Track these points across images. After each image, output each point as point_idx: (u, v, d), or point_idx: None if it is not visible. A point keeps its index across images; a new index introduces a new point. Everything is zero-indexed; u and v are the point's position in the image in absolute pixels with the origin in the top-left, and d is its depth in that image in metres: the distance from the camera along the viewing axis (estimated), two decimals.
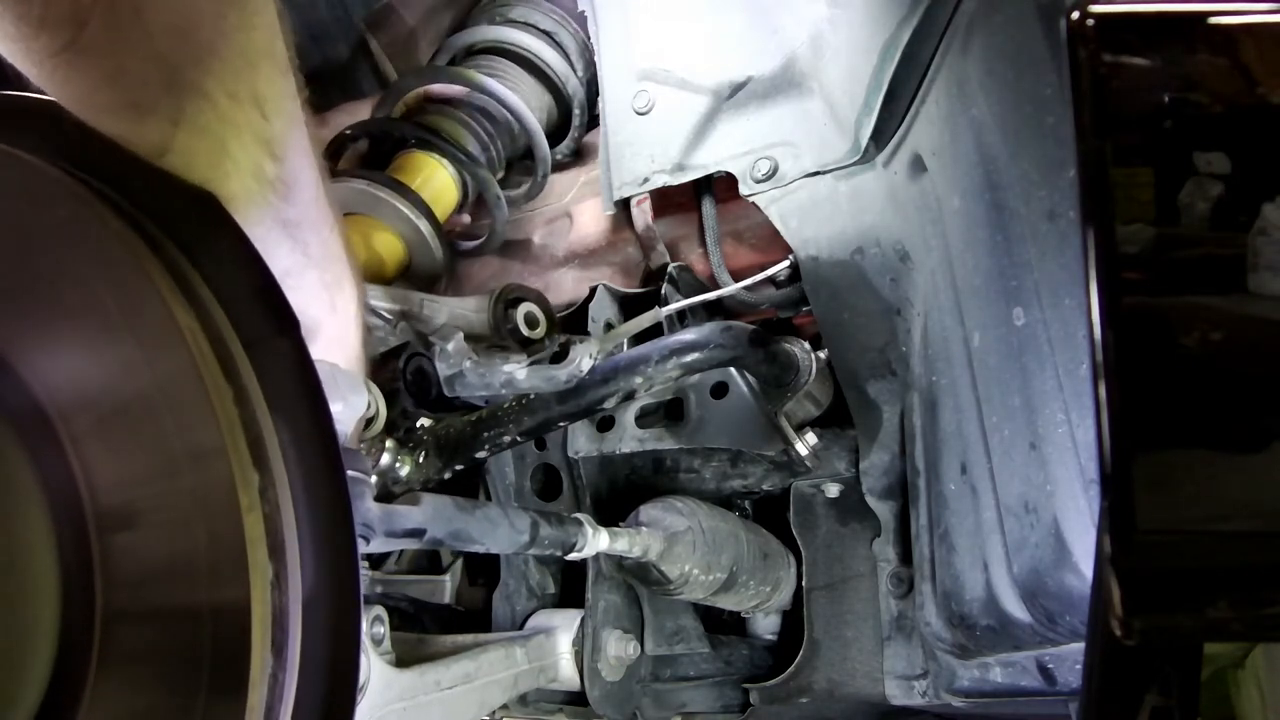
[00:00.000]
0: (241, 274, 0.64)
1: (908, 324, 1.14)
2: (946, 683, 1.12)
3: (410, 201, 1.34)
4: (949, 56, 0.98)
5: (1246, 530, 0.54)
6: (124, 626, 0.56)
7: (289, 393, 0.61)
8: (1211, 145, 0.51)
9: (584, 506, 1.34)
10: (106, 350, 0.59)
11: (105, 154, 0.66)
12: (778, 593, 1.31)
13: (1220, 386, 0.53)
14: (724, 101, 1.23)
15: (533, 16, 1.61)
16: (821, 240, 1.19)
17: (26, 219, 0.62)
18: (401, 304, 1.11)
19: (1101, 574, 0.54)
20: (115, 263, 0.59)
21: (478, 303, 1.13)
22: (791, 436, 1.19)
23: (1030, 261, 0.84)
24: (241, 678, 0.53)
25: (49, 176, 0.62)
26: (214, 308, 0.61)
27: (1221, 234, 0.51)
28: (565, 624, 1.28)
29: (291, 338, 0.63)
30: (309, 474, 0.60)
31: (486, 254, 1.55)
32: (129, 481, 0.57)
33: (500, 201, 1.46)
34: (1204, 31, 0.51)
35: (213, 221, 0.66)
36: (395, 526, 0.89)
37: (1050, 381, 0.82)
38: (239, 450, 0.56)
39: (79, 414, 0.58)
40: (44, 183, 0.62)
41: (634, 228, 1.42)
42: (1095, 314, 0.52)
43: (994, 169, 0.89)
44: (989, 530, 0.93)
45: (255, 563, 0.54)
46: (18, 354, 0.59)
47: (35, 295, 0.61)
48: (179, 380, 0.56)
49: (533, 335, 1.10)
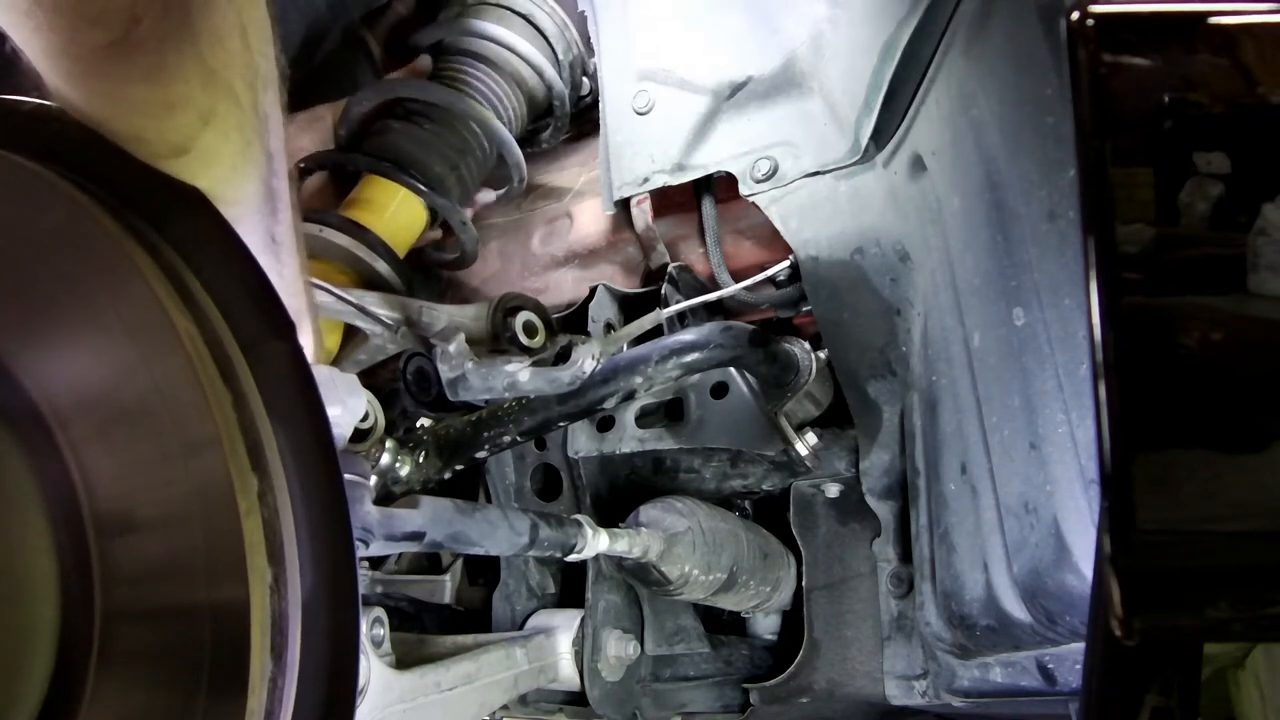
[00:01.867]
0: (238, 277, 0.64)
1: (908, 324, 1.14)
2: (946, 683, 1.12)
3: (366, 244, 1.25)
4: (949, 56, 0.98)
5: (1246, 530, 0.54)
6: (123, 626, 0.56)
7: (287, 396, 0.61)
8: (1211, 145, 0.51)
9: (584, 507, 1.34)
10: (104, 354, 0.59)
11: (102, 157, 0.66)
12: (778, 593, 1.31)
13: (1220, 387, 0.53)
14: (724, 101, 1.23)
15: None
16: (821, 240, 1.19)
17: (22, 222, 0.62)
18: (401, 311, 1.11)
19: (1101, 574, 0.54)
20: (112, 266, 0.59)
21: (476, 310, 1.13)
22: (791, 436, 1.19)
23: (1030, 261, 0.84)
24: (241, 680, 0.53)
25: (45, 180, 0.62)
26: (211, 311, 0.61)
27: (1221, 234, 0.51)
28: (565, 624, 1.28)
29: (288, 341, 0.63)
30: (307, 478, 0.60)
31: (465, 268, 1.50)
32: (127, 485, 0.57)
33: (466, 227, 1.40)
34: (1204, 31, 0.51)
35: (209, 225, 0.66)
36: (394, 530, 0.89)
37: (1050, 381, 0.82)
38: (237, 454, 0.56)
39: (77, 418, 0.58)
40: (40, 186, 0.62)
41: (634, 228, 1.42)
42: (1095, 314, 0.52)
43: (994, 169, 0.89)
44: (989, 530, 0.93)
45: (254, 567, 0.54)
46: (14, 358, 0.59)
47: (31, 299, 0.61)
48: (176, 384, 0.56)
49: (531, 344, 1.10)
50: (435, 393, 1.08)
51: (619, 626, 1.29)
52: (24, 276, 0.61)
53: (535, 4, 1.48)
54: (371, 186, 1.35)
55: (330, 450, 0.61)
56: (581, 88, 1.57)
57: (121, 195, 0.65)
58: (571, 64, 1.53)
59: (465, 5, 1.46)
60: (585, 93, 1.59)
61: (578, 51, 1.53)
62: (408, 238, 1.36)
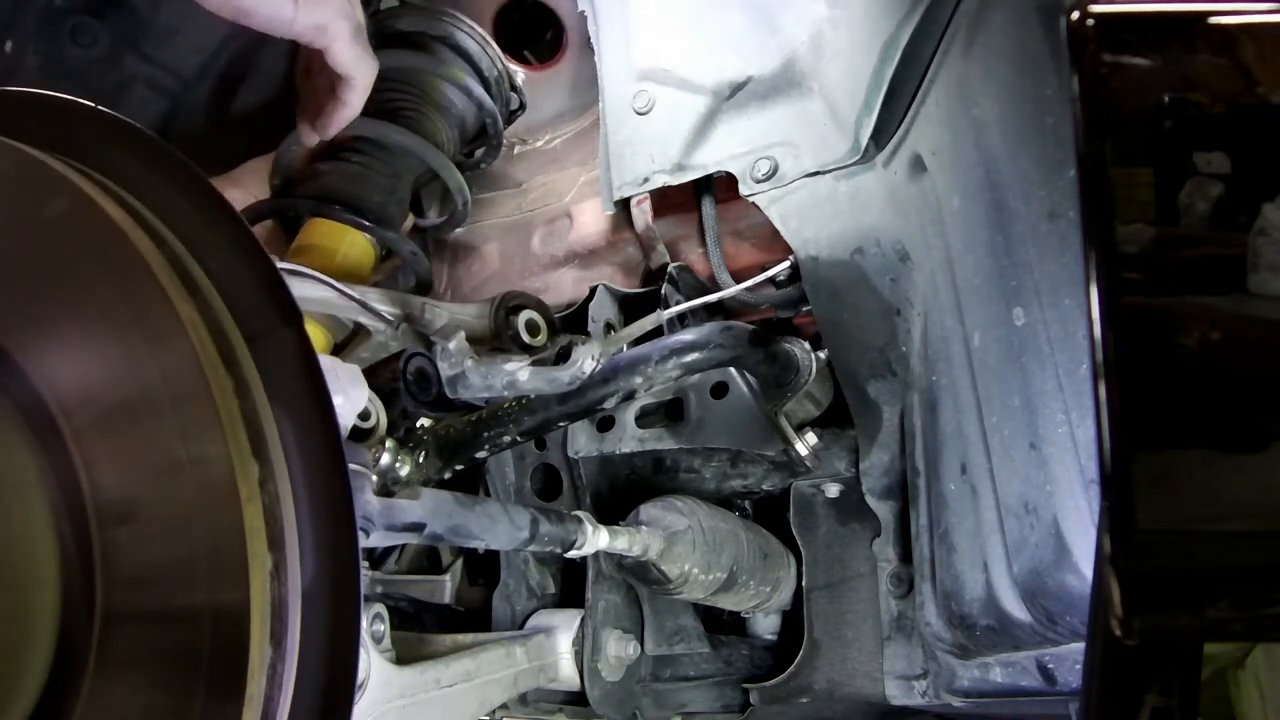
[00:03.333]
0: (243, 266, 0.64)
1: (908, 324, 1.14)
2: (946, 683, 1.12)
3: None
4: (949, 56, 0.98)
5: (1246, 530, 0.54)
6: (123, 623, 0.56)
7: (291, 385, 0.61)
8: (1211, 145, 0.51)
9: (584, 506, 1.33)
10: (108, 343, 0.59)
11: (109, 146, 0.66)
12: (778, 593, 1.31)
13: (1220, 387, 0.53)
14: (724, 101, 1.23)
15: (422, 24, 1.42)
16: (821, 240, 1.19)
17: (28, 211, 0.62)
18: (402, 308, 1.11)
19: (1101, 574, 0.54)
20: (116, 255, 0.59)
21: (478, 309, 1.13)
22: (791, 436, 1.19)
23: (1030, 261, 0.84)
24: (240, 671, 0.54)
25: (50, 168, 0.62)
26: (215, 300, 0.62)
27: (1221, 234, 0.51)
28: (565, 624, 1.28)
29: (294, 329, 0.63)
30: (310, 466, 0.60)
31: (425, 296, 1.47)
32: (129, 474, 0.57)
33: (416, 257, 1.37)
34: (1204, 31, 0.52)
35: (214, 213, 0.66)
36: (395, 520, 0.89)
37: (1050, 381, 0.83)
38: (239, 441, 0.56)
39: (81, 407, 0.58)
40: (45, 174, 0.62)
41: (634, 228, 1.42)
42: (1095, 314, 0.52)
43: (994, 169, 0.89)
44: (989, 530, 0.93)
45: (254, 554, 0.55)
46: (19, 346, 0.60)
47: (36, 287, 0.61)
48: (180, 372, 0.57)
49: (534, 342, 1.10)
50: (435, 392, 1.08)
51: (619, 626, 1.29)
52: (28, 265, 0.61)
53: (454, 26, 1.44)
54: (315, 231, 1.30)
55: (334, 438, 0.62)
56: (511, 102, 1.54)
57: (127, 184, 0.65)
58: (497, 80, 1.49)
59: (384, 36, 1.40)
60: (515, 107, 1.55)
61: (501, 67, 1.49)
62: (362, 275, 1.32)
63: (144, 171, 0.66)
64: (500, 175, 1.66)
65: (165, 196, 0.65)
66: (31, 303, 0.61)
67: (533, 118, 1.62)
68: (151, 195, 0.65)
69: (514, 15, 1.60)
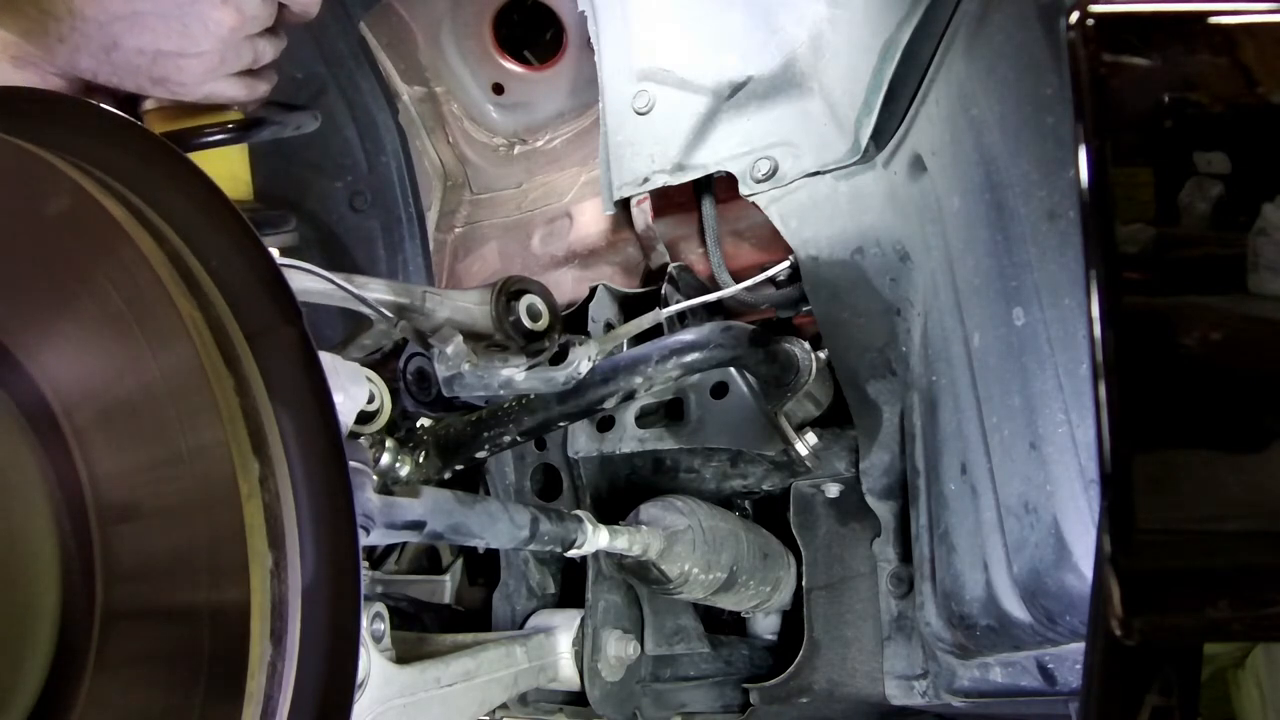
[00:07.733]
0: (245, 264, 0.64)
1: (908, 324, 1.14)
2: (946, 683, 1.12)
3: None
4: (949, 56, 0.98)
5: (1246, 530, 0.54)
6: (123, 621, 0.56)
7: (291, 382, 0.61)
8: (1211, 145, 0.51)
9: (584, 506, 1.33)
10: (109, 341, 0.59)
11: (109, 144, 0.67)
12: (778, 593, 1.31)
13: (1220, 386, 0.53)
14: (724, 101, 1.23)
15: None
16: (821, 240, 1.19)
17: (27, 208, 0.62)
18: (403, 297, 1.10)
19: (1101, 574, 0.54)
20: (118, 253, 0.59)
21: (480, 295, 1.12)
22: (791, 436, 1.19)
23: (1030, 261, 0.84)
24: (240, 669, 0.54)
25: (52, 166, 0.62)
26: (216, 297, 0.62)
27: (1221, 234, 0.51)
28: (565, 624, 1.28)
29: (296, 327, 0.63)
30: (310, 463, 0.60)
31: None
32: (131, 471, 0.57)
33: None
34: (1204, 31, 0.52)
35: (215, 211, 0.66)
36: (395, 518, 0.89)
37: (1050, 381, 0.83)
38: (239, 439, 0.56)
39: (81, 404, 0.58)
40: (46, 172, 0.62)
41: (634, 228, 1.42)
42: (1095, 314, 0.52)
43: (994, 169, 0.90)
44: (989, 530, 0.93)
45: (255, 551, 0.55)
46: (20, 344, 0.60)
47: (38, 285, 0.61)
48: (181, 370, 0.57)
49: (536, 327, 1.08)
50: (435, 393, 1.08)
51: (619, 626, 1.29)
52: (30, 262, 0.62)
53: None
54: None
55: (335, 436, 0.62)
56: None
57: (128, 182, 0.65)
58: None
59: None
60: None
61: None
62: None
63: (144, 169, 0.66)
64: (500, 175, 1.66)
65: (165, 194, 0.65)
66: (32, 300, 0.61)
67: (533, 118, 1.62)
68: (152, 193, 0.65)
69: (514, 15, 1.60)
